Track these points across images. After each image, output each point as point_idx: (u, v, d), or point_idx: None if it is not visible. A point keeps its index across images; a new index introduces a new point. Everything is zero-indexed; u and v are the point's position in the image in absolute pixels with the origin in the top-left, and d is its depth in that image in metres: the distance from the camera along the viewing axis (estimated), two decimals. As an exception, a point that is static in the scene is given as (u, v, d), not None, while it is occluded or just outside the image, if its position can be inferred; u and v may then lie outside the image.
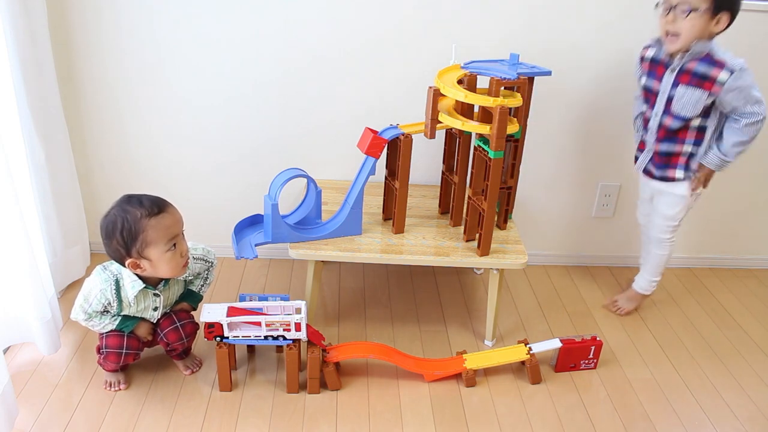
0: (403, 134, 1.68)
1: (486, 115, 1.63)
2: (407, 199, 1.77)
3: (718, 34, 1.64)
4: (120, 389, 1.60)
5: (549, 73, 1.72)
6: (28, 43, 1.63)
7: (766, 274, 2.35)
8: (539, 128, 2.01)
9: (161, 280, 1.54)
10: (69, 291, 1.96)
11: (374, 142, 1.68)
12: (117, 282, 1.49)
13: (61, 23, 1.84)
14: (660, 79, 1.72)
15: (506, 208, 1.84)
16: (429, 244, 1.76)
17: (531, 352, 1.72)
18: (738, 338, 1.97)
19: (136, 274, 1.49)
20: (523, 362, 1.73)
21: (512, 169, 1.81)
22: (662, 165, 1.81)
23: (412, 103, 1.96)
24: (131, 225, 1.43)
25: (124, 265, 1.48)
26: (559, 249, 2.30)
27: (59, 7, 1.81)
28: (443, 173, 1.90)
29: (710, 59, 1.64)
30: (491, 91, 1.61)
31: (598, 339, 1.76)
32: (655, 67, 1.74)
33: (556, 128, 2.07)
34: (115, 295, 1.49)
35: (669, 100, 1.71)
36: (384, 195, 1.85)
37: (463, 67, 1.72)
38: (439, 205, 1.94)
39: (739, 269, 2.36)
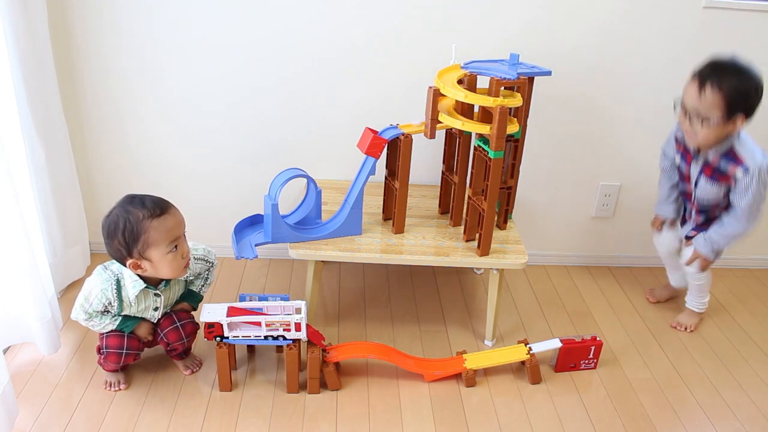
0: (403, 134, 1.68)
1: (486, 115, 1.63)
2: (407, 199, 1.77)
3: (738, 130, 1.65)
4: (120, 389, 1.60)
5: (549, 73, 1.72)
6: (28, 43, 1.63)
7: (766, 274, 2.35)
8: (539, 128, 2.01)
9: (162, 280, 1.54)
10: (69, 291, 1.96)
11: (374, 142, 1.68)
12: (118, 282, 1.49)
13: (61, 23, 1.84)
14: (689, 165, 1.77)
15: (506, 208, 1.84)
16: (429, 244, 1.76)
17: (531, 352, 1.72)
18: (738, 338, 1.97)
19: (137, 274, 1.49)
20: (523, 362, 1.73)
21: (512, 169, 1.81)
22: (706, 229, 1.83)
23: (412, 103, 1.96)
24: (133, 226, 1.43)
25: (125, 265, 1.48)
26: (559, 249, 2.30)
27: (59, 7, 1.81)
28: (443, 173, 1.90)
29: (731, 155, 1.67)
30: (491, 91, 1.61)
31: (598, 339, 1.76)
32: (686, 153, 1.78)
33: (556, 128, 2.07)
34: (115, 295, 1.49)
35: (696, 185, 1.77)
36: (384, 195, 1.85)
37: (463, 67, 1.72)
38: (439, 205, 1.94)
39: (739, 269, 2.36)
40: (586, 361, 1.77)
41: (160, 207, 1.46)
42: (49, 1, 1.75)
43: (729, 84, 1.57)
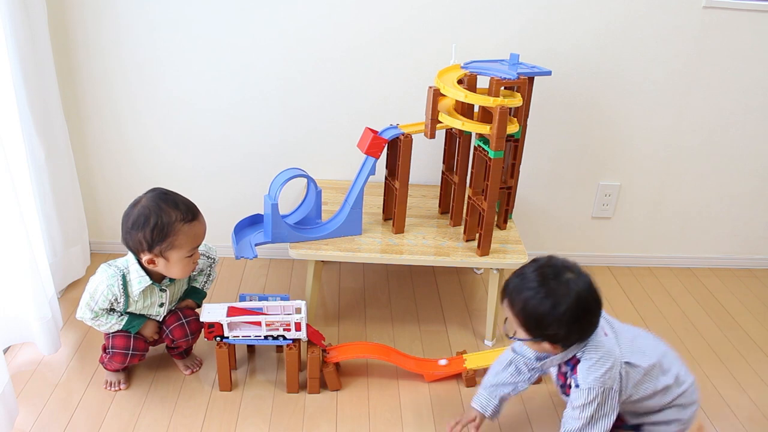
0: (403, 134, 1.68)
1: (486, 115, 1.63)
2: (407, 199, 1.77)
3: None
4: (120, 389, 1.60)
5: (549, 73, 1.72)
6: (28, 42, 1.63)
7: (766, 274, 2.35)
8: (539, 128, 2.02)
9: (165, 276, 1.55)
10: (69, 291, 1.96)
11: (374, 142, 1.68)
12: (124, 277, 1.49)
13: (61, 23, 1.84)
14: None
15: (506, 208, 1.84)
16: (429, 244, 1.76)
17: (531, 352, 1.71)
18: (738, 338, 1.97)
19: (144, 269, 1.49)
20: (523, 362, 1.73)
21: (512, 169, 1.81)
22: None
23: (412, 103, 1.97)
24: (164, 225, 1.42)
25: (137, 256, 1.48)
26: (559, 249, 2.30)
27: (59, 7, 1.81)
28: (443, 173, 1.90)
29: None
30: (491, 91, 1.61)
31: (598, 339, 1.76)
32: None
33: (556, 128, 2.07)
34: (122, 290, 1.49)
35: None
36: (384, 195, 1.85)
37: (463, 67, 1.72)
38: (439, 205, 1.94)
39: (739, 269, 2.36)
40: (586, 361, 1.77)
41: (192, 212, 1.47)
42: (49, 1, 1.75)
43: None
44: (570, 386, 1.33)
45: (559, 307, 1.24)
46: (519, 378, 1.46)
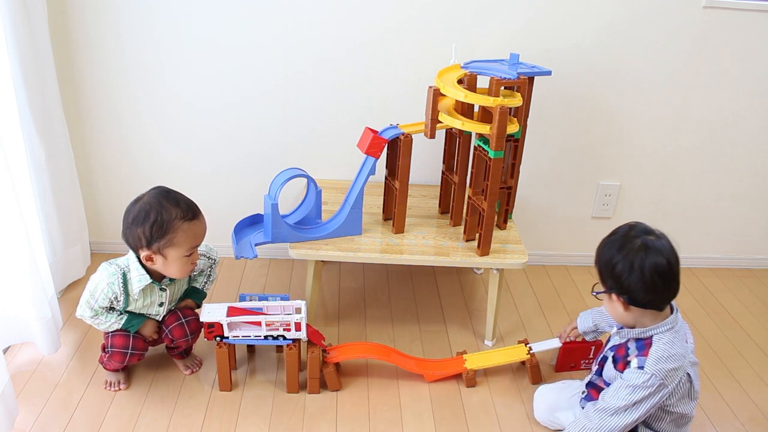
0: (403, 134, 1.68)
1: (486, 115, 1.63)
2: (407, 199, 1.77)
3: None
4: (120, 389, 1.60)
5: (549, 73, 1.72)
6: (28, 42, 1.63)
7: (766, 274, 2.35)
8: (539, 128, 2.02)
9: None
10: (69, 291, 1.96)
11: (374, 142, 1.68)
12: (124, 275, 1.49)
13: (61, 23, 1.84)
14: None
15: (506, 208, 1.84)
16: (429, 244, 1.76)
17: (531, 351, 1.72)
18: (738, 338, 1.97)
19: (144, 268, 1.49)
20: (523, 362, 1.73)
21: (512, 169, 1.81)
22: None
23: (412, 103, 1.97)
24: (164, 221, 1.43)
25: (137, 253, 1.48)
26: (559, 249, 2.30)
27: (59, 7, 1.81)
28: (443, 173, 1.90)
29: None
30: (491, 91, 1.61)
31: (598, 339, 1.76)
32: None
33: (556, 128, 2.07)
34: (122, 289, 1.49)
35: None
36: (384, 195, 1.85)
37: (463, 67, 1.72)
38: (439, 205, 1.94)
39: (739, 269, 2.36)
40: (586, 361, 1.77)
41: (192, 211, 1.48)
42: (49, 1, 1.75)
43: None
44: (628, 363, 1.36)
45: (631, 257, 1.31)
46: (602, 320, 1.62)
